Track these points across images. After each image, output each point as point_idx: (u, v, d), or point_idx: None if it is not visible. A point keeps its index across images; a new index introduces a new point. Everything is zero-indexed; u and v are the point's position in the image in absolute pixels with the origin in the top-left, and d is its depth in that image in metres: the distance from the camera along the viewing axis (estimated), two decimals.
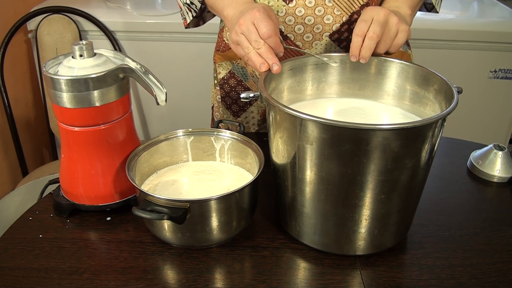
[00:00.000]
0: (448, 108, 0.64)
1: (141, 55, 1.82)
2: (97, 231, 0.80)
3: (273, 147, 0.73)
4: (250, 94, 0.75)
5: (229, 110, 1.14)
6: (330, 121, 0.62)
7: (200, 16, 1.06)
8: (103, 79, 0.72)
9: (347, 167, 0.64)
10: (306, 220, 0.72)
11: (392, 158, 0.63)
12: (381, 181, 0.65)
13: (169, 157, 0.85)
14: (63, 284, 0.69)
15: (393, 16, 0.77)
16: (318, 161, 0.65)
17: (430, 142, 0.65)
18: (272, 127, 0.71)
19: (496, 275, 0.71)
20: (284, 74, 0.81)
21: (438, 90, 0.75)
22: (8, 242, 0.77)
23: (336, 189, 0.67)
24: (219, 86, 1.14)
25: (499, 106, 1.82)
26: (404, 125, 0.61)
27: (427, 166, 0.68)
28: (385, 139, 0.61)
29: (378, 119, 0.82)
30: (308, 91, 0.86)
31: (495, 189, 0.91)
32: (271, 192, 0.88)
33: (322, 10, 0.93)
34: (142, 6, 1.87)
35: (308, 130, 0.64)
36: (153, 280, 0.70)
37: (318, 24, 0.94)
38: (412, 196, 0.71)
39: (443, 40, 1.71)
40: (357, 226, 0.69)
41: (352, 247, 0.72)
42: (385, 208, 0.68)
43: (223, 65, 1.11)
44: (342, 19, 0.94)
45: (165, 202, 0.68)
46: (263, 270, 0.71)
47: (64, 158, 0.80)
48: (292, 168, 0.69)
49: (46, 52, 1.76)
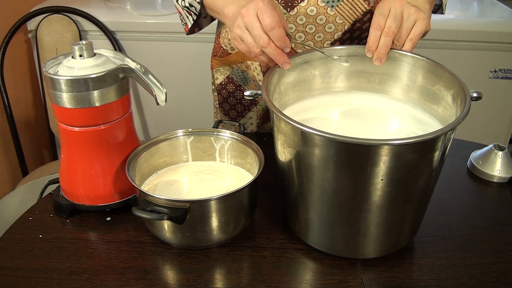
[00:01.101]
0: (459, 116, 0.62)
1: (141, 55, 1.82)
2: (97, 231, 0.80)
3: (277, 150, 0.72)
4: (254, 92, 0.75)
5: (227, 116, 1.13)
6: (331, 135, 0.59)
7: (196, 21, 1.03)
8: (103, 79, 0.72)
9: (350, 179, 0.63)
10: (310, 224, 0.72)
11: (397, 171, 0.61)
12: (386, 192, 0.64)
13: (169, 157, 0.85)
14: (63, 284, 0.69)
15: (410, 7, 0.76)
16: (319, 172, 0.64)
17: (438, 153, 0.63)
18: (276, 132, 0.70)
19: (496, 275, 0.71)
20: (291, 70, 0.79)
21: (452, 90, 0.73)
22: (8, 242, 0.77)
23: (339, 199, 0.66)
24: (217, 91, 1.12)
25: (499, 106, 1.82)
26: (407, 141, 0.58)
27: (435, 175, 0.67)
28: (388, 154, 0.59)
29: (387, 121, 0.79)
30: (315, 84, 0.83)
31: (495, 189, 0.91)
32: (271, 192, 0.88)
33: (324, 18, 0.91)
34: (142, 6, 1.87)
35: (309, 142, 0.62)
36: (153, 280, 0.70)
37: (319, 32, 0.92)
38: (419, 205, 0.70)
39: (443, 40, 1.71)
40: (363, 234, 0.69)
41: (358, 251, 0.72)
42: (390, 217, 0.67)
43: (220, 70, 1.09)
44: (344, 27, 0.92)
45: (165, 202, 0.68)
46: (263, 270, 0.71)
47: (64, 158, 0.80)
48: (295, 174, 0.68)
49: (46, 52, 1.76)
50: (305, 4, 0.90)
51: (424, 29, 0.78)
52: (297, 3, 0.90)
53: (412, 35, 0.77)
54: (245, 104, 1.10)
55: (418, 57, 0.78)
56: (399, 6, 0.76)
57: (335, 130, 0.75)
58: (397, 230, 0.71)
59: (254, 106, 1.10)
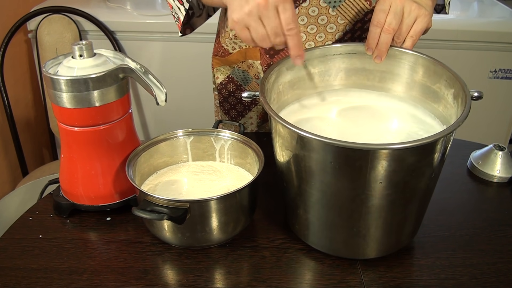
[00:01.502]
0: (459, 117, 0.62)
1: (141, 55, 1.82)
2: (97, 231, 0.80)
3: (276, 152, 0.72)
4: (252, 93, 0.75)
5: (228, 115, 1.13)
6: (328, 140, 0.59)
7: (188, 22, 0.98)
8: (103, 79, 0.72)
9: (348, 183, 0.63)
10: (310, 225, 0.72)
11: (396, 175, 0.61)
12: (385, 195, 0.63)
13: (169, 157, 0.85)
14: (63, 284, 0.69)
15: (412, 3, 0.75)
16: (317, 175, 0.64)
17: (437, 156, 0.63)
18: (274, 134, 0.70)
19: (496, 275, 0.71)
20: (290, 70, 0.79)
21: (452, 89, 0.73)
22: (8, 242, 0.77)
23: (338, 202, 0.66)
24: (217, 91, 1.12)
25: (499, 106, 1.82)
26: (405, 145, 0.58)
27: (434, 177, 0.67)
28: (387, 158, 0.59)
29: (387, 121, 0.79)
30: (314, 83, 0.83)
31: (495, 189, 0.91)
32: (271, 192, 0.88)
33: (326, 19, 0.91)
34: (142, 6, 1.87)
35: (306, 146, 0.62)
36: (153, 280, 0.70)
37: (320, 32, 0.92)
38: (419, 206, 0.70)
39: (443, 40, 1.71)
40: (362, 235, 0.69)
41: (357, 252, 0.72)
42: (389, 218, 0.67)
43: (221, 69, 1.09)
44: (345, 27, 0.92)
45: (165, 202, 0.68)
46: (263, 270, 0.71)
47: (64, 158, 0.80)
48: (294, 176, 0.68)
49: (46, 52, 1.76)
50: (306, 4, 0.90)
51: (425, 26, 0.77)
52: (298, 3, 0.90)
53: (412, 32, 0.77)
54: (245, 104, 1.10)
55: (419, 54, 0.77)
56: (400, 3, 0.75)
57: (333, 131, 0.75)
58: (397, 231, 0.71)
59: (254, 106, 1.10)
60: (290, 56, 0.73)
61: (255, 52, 1.01)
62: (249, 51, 1.02)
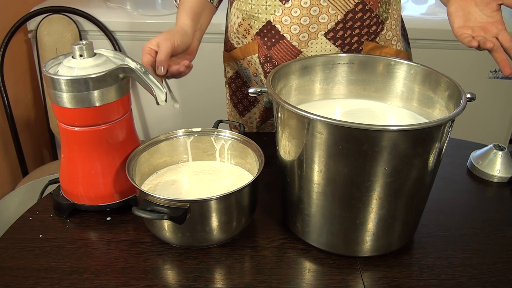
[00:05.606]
0: (455, 111, 0.64)
1: (141, 55, 1.82)
2: (97, 231, 0.80)
3: (280, 145, 0.73)
4: (258, 89, 0.75)
5: (236, 108, 1.17)
6: (337, 121, 0.61)
7: None
8: (103, 79, 0.72)
9: (354, 168, 0.64)
10: (311, 221, 0.72)
11: (399, 160, 0.62)
12: (388, 183, 0.64)
13: (169, 157, 0.85)
14: (63, 284, 0.69)
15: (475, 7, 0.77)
16: (324, 162, 0.65)
17: (437, 144, 0.64)
18: (280, 125, 0.71)
19: (496, 275, 0.71)
20: (292, 74, 0.81)
21: (447, 92, 0.74)
22: (8, 242, 0.77)
23: (342, 190, 0.66)
24: (228, 84, 1.16)
25: (499, 106, 1.82)
26: (411, 127, 0.61)
27: (434, 168, 0.68)
28: (392, 140, 0.61)
29: (385, 120, 0.81)
30: (316, 91, 0.86)
31: (495, 189, 0.91)
32: (271, 192, 0.88)
33: (317, 10, 0.93)
34: (142, 6, 1.86)
35: (315, 131, 0.63)
36: (153, 280, 0.70)
37: (313, 23, 0.94)
38: (419, 199, 0.71)
39: (443, 40, 1.71)
40: (364, 228, 0.69)
41: (357, 248, 0.72)
42: (392, 210, 0.68)
43: (230, 64, 1.13)
44: (337, 17, 0.94)
45: (165, 202, 0.68)
46: (263, 270, 0.71)
47: (64, 158, 0.80)
48: (298, 167, 0.69)
49: (46, 52, 1.76)
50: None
51: None
52: None
53: None
54: (250, 100, 1.14)
55: (413, 64, 0.80)
56: (498, 13, 0.77)
57: None
58: (397, 226, 0.71)
59: (257, 102, 1.13)
60: None
61: (253, 46, 1.03)
62: (248, 47, 1.04)
